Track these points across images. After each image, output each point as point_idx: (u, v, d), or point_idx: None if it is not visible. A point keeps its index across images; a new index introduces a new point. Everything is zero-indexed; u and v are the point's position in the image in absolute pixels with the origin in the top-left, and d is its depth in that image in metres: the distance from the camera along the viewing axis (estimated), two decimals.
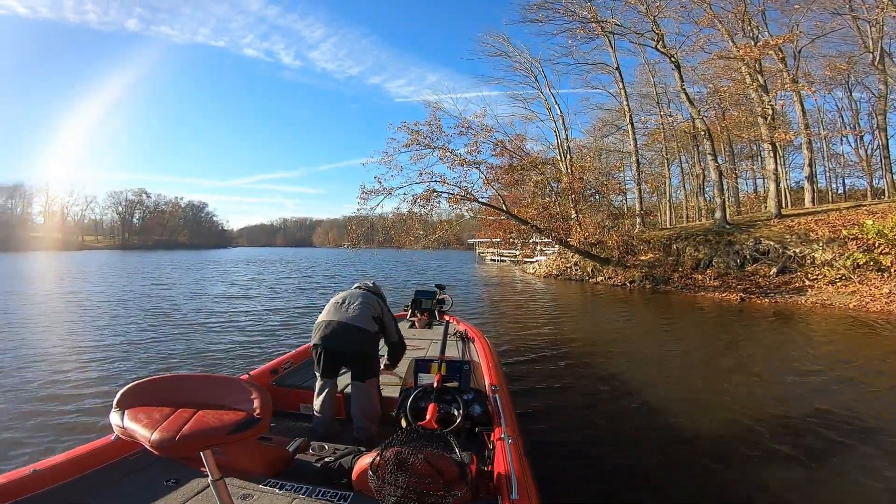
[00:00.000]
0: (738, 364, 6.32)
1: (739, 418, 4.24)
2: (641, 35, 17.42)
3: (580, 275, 19.03)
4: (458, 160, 17.78)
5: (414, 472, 1.63)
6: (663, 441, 3.80)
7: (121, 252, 73.22)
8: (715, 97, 18.00)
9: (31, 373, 5.66)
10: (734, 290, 12.99)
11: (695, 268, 15.65)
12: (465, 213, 19.41)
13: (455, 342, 4.44)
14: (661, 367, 6.33)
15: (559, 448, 3.67)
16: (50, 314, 10.56)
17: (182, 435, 1.31)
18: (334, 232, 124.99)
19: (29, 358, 6.37)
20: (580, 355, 6.74)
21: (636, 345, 7.96)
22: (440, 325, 5.33)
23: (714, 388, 5.34)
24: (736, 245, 15.03)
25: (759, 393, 5.06)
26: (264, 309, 11.43)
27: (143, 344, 7.32)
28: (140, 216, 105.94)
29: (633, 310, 12.30)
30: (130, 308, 11.37)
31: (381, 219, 19.30)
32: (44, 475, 1.87)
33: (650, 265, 16.83)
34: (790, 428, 4.01)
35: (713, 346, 7.70)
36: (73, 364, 6.04)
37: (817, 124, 23.75)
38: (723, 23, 14.96)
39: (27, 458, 3.28)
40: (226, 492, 1.52)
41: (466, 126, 18.44)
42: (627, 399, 4.81)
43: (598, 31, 18.72)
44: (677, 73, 16.27)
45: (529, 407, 4.45)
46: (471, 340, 4.54)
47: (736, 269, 14.54)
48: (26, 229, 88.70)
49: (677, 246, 16.79)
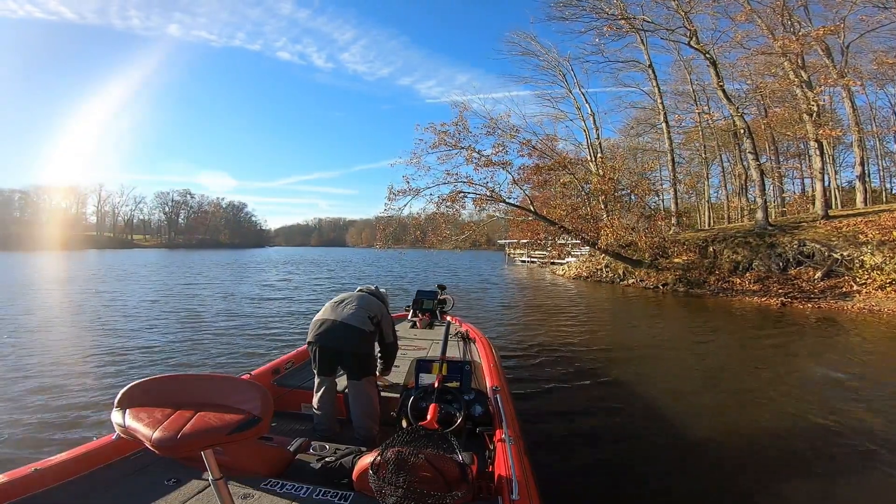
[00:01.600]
0: (775, 376, 5.88)
1: (765, 433, 4.01)
2: (672, 32, 16.88)
3: (611, 277, 18.66)
4: (483, 161, 17.70)
5: (415, 473, 1.64)
6: (679, 452, 3.67)
7: (167, 251, 76.96)
8: (756, 94, 17.22)
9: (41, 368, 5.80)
10: (775, 294, 12.43)
11: (733, 271, 15.07)
12: (494, 213, 19.32)
13: (456, 343, 4.44)
14: (688, 373, 6.12)
15: (561, 448, 3.66)
16: (90, 311, 11.31)
17: (183, 434, 1.32)
18: (367, 232, 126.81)
19: (59, 354, 6.62)
20: (602, 360, 6.58)
21: (663, 350, 7.65)
22: (441, 325, 5.33)
23: (745, 398, 5.07)
24: (778, 247, 14.38)
25: (798, 408, 4.63)
26: (286, 312, 11.16)
27: (171, 345, 7.30)
28: (185, 216, 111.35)
29: (664, 314, 11.96)
30: (163, 308, 11.66)
31: (412, 218, 19.44)
32: (45, 474, 1.89)
33: (685, 268, 16.32)
34: (830, 447, 3.73)
35: (748, 353, 7.35)
36: (95, 361, 6.18)
37: (870, 122, 22.32)
38: (762, 18, 14.29)
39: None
40: (226, 492, 1.52)
41: (493, 126, 18.34)
42: (652, 408, 4.65)
43: (626, 29, 18.25)
44: (713, 70, 15.64)
45: (542, 409, 4.45)
46: (472, 341, 4.54)
47: (777, 272, 13.92)
48: (81, 228, 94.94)
49: (714, 248, 16.21)
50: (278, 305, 12.21)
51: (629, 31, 18.22)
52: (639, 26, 17.98)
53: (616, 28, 18.15)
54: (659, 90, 19.90)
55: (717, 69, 15.70)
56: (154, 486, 1.97)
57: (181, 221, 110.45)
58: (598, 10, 18.93)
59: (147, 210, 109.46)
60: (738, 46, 15.57)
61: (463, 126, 17.80)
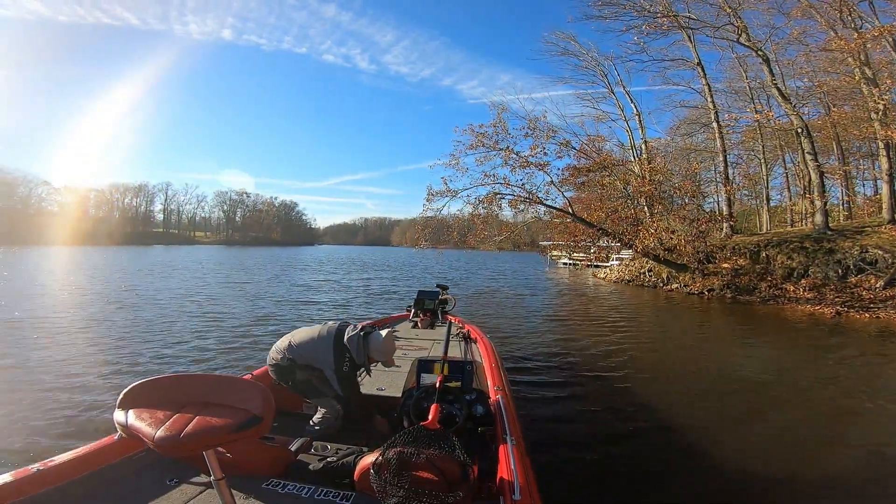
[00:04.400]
0: (835, 393, 5.40)
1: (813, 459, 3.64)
2: (717, 29, 16.22)
3: (653, 281, 18.19)
4: (521, 162, 17.55)
5: (416, 473, 1.65)
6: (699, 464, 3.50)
7: (225, 247, 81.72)
8: (818, 91, 16.18)
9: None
10: (830, 303, 11.75)
11: (786, 277, 14.33)
12: (536, 215, 19.11)
13: (458, 343, 4.45)
14: (726, 384, 5.79)
15: (561, 448, 3.67)
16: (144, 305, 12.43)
17: (185, 434, 1.32)
18: (411, 232, 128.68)
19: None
20: (639, 369, 6.33)
21: (702, 362, 7.16)
22: (443, 325, 5.31)
23: (789, 412, 4.73)
24: (837, 253, 13.56)
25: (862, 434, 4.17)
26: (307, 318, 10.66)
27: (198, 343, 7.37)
28: (241, 215, 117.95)
29: (708, 320, 11.65)
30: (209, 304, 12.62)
31: (455, 219, 19.46)
32: (47, 473, 1.88)
33: (734, 273, 15.66)
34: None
35: (793, 364, 6.98)
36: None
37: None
38: (820, 13, 13.43)
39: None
40: (228, 491, 1.52)
41: (533, 127, 18.15)
42: (685, 420, 4.45)
43: (667, 27, 17.65)
44: (766, 68, 14.86)
45: (551, 412, 4.47)
46: (473, 341, 4.57)
47: (836, 279, 13.12)
48: (149, 225, 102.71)
49: (767, 253, 15.47)
50: (302, 309, 11.78)
51: (671, 28, 17.62)
52: (683, 24, 17.33)
53: (656, 26, 17.62)
54: (709, 88, 19.09)
55: (771, 67, 14.94)
56: (156, 485, 1.99)
57: (238, 219, 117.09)
58: (638, 7, 18.43)
59: (207, 208, 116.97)
60: (797, 43, 14.77)
61: (502, 128, 17.77)
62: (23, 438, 3.71)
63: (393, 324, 5.68)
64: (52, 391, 4.73)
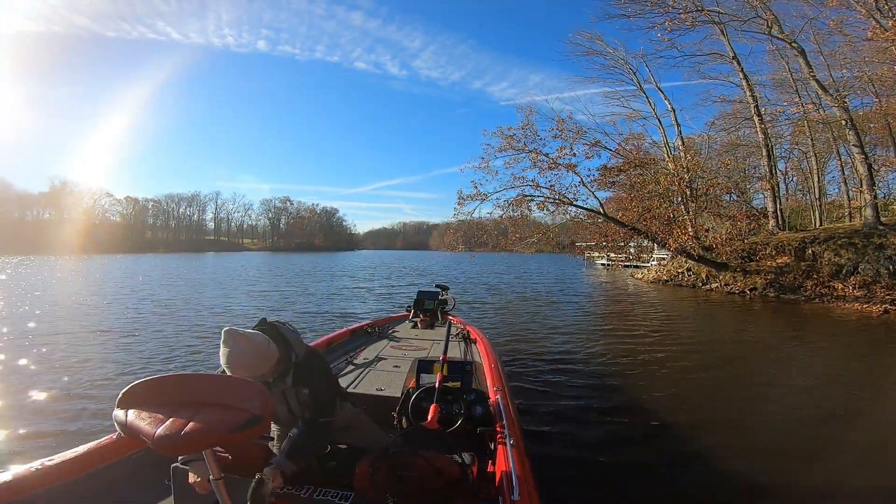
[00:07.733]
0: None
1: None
2: (745, 22, 15.75)
3: (692, 281, 17.86)
4: (549, 163, 17.48)
5: (415, 473, 1.65)
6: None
7: (270, 253, 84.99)
8: (864, 82, 15.40)
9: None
10: (880, 301, 11.30)
11: (834, 275, 13.80)
12: (568, 216, 18.99)
13: (457, 343, 4.46)
14: (768, 390, 5.45)
15: (562, 449, 3.65)
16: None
17: (184, 434, 1.31)
18: (447, 235, 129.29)
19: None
20: (646, 365, 6.30)
21: (740, 366, 6.81)
22: (443, 325, 5.31)
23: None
24: (888, 249, 12.99)
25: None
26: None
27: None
28: (285, 222, 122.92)
29: (750, 320, 11.36)
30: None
31: (489, 221, 19.60)
32: (47, 473, 1.89)
33: (777, 271, 15.18)
34: None
35: (843, 369, 6.58)
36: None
37: None
38: (857, 1, 12.84)
39: None
40: (227, 491, 1.52)
41: (561, 127, 18.00)
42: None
43: (689, 22, 17.24)
44: (802, 60, 14.36)
45: (557, 414, 4.44)
46: (473, 342, 4.57)
47: (888, 276, 12.54)
48: (201, 233, 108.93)
49: (813, 250, 14.92)
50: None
51: (697, 23, 17.23)
52: (709, 18, 16.87)
53: (679, 23, 17.28)
54: (748, 81, 18.46)
55: (807, 58, 14.37)
56: (155, 485, 1.99)
57: (282, 226, 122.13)
58: (660, 4, 18.02)
59: (254, 216, 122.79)
60: (837, 33, 14.15)
61: (531, 129, 17.76)
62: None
63: (393, 324, 5.73)
64: None
